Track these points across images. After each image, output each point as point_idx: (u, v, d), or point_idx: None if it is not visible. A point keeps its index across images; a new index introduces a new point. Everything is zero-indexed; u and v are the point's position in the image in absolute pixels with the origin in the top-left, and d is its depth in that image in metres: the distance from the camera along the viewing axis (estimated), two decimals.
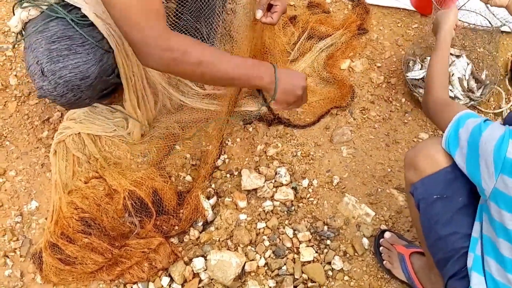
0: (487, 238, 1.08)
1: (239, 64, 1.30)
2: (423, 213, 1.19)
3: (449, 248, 1.13)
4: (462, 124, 1.11)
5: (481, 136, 1.03)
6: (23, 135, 1.84)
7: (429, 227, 1.18)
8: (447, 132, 1.14)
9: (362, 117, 1.90)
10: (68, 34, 1.33)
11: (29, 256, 1.58)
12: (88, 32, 1.36)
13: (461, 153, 1.09)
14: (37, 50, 1.34)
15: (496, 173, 1.00)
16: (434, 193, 1.15)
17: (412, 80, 1.93)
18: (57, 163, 1.70)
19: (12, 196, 1.71)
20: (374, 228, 1.63)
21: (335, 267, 1.54)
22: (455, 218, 1.13)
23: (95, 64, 1.34)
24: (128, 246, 1.52)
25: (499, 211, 1.03)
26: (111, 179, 1.60)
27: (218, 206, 1.66)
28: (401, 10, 2.23)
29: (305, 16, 2.13)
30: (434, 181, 1.15)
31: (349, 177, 1.75)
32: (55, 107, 1.90)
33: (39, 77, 1.35)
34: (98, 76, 1.36)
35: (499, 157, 0.99)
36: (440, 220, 1.14)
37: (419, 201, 1.19)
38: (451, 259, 1.13)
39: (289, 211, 1.65)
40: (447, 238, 1.13)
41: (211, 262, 1.49)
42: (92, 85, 1.36)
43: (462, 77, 1.92)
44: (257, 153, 1.78)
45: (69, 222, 1.52)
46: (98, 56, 1.36)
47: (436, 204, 1.15)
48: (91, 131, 1.70)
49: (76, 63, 1.30)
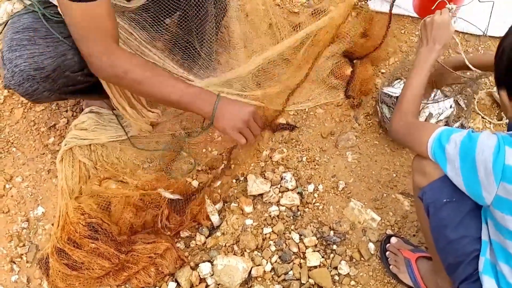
0: (496, 243, 1.09)
1: (181, 91, 1.36)
2: (432, 218, 1.19)
3: (460, 252, 1.13)
4: (446, 140, 1.11)
5: (476, 147, 1.04)
6: (29, 142, 1.85)
7: (438, 231, 1.18)
8: (431, 151, 1.15)
9: (367, 122, 1.91)
10: (34, 26, 1.34)
11: (35, 262, 1.59)
12: (57, 28, 1.36)
13: (453, 168, 1.09)
14: (3, 40, 1.36)
15: (497, 181, 1.00)
16: (443, 197, 1.15)
17: (384, 95, 1.86)
18: (64, 169, 1.70)
19: (19, 202, 1.72)
20: (380, 233, 1.63)
21: (342, 272, 1.54)
22: (465, 222, 1.13)
23: (53, 57, 1.33)
24: (134, 251, 1.52)
25: (503, 217, 1.03)
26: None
27: (224, 211, 1.67)
28: (405, 16, 2.25)
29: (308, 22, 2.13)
30: (443, 185, 1.15)
31: (355, 182, 1.75)
32: (61, 114, 1.91)
33: (2, 66, 1.36)
34: (58, 69, 1.35)
35: (498, 165, 1.00)
36: (449, 224, 1.14)
37: (428, 205, 1.18)
38: (462, 263, 1.12)
39: (295, 216, 1.65)
40: (458, 242, 1.13)
41: (217, 267, 1.49)
42: (49, 77, 1.34)
43: (435, 116, 1.78)
44: (262, 159, 1.79)
45: (76, 227, 1.52)
46: (60, 50, 1.35)
47: (445, 208, 1.15)
48: (100, 141, 1.71)
49: (31, 53, 1.30)
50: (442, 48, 1.40)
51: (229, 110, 1.41)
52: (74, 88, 1.45)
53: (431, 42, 1.40)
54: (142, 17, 1.43)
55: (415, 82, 1.37)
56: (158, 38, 1.54)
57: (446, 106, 1.81)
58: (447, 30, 1.39)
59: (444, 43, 1.40)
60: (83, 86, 1.47)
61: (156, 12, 1.44)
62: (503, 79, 1.06)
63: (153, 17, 1.45)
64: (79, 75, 1.42)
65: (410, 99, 1.36)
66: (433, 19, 1.41)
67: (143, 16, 1.43)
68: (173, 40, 1.60)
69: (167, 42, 1.55)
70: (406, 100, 1.36)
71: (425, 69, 1.38)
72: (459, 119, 1.82)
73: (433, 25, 1.40)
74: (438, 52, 1.39)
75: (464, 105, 1.84)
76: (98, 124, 1.72)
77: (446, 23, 1.39)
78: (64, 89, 1.42)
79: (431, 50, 1.39)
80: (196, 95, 1.38)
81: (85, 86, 1.47)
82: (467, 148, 1.06)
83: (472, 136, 1.06)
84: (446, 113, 1.77)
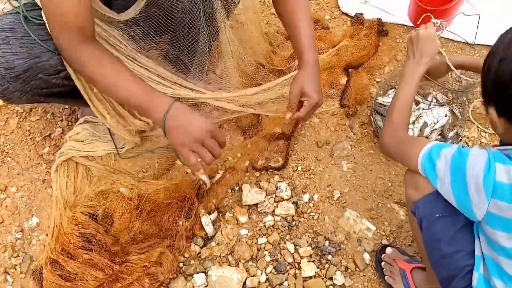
0: (489, 258, 1.08)
1: (133, 93, 1.29)
2: (425, 232, 1.18)
3: (453, 267, 1.12)
4: (437, 155, 1.11)
5: (467, 163, 1.04)
6: (24, 151, 1.85)
7: (432, 246, 1.18)
8: (421, 167, 1.15)
9: (362, 131, 1.91)
10: (13, 27, 1.35)
11: (29, 273, 1.58)
12: (36, 30, 1.36)
13: (444, 184, 1.09)
14: None
15: (488, 197, 1.00)
16: (436, 211, 1.15)
17: (378, 105, 1.87)
18: (58, 179, 1.70)
19: (13, 212, 1.71)
20: (375, 243, 1.62)
21: (337, 282, 1.53)
22: (458, 236, 1.12)
23: (25, 58, 1.33)
24: (128, 262, 1.51)
25: (494, 233, 1.03)
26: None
27: (219, 221, 1.66)
28: (400, 25, 2.25)
29: None
30: (435, 199, 1.14)
31: (350, 191, 1.75)
32: (56, 123, 1.91)
33: None
34: (30, 71, 1.34)
35: (489, 181, 1.00)
36: (443, 239, 1.13)
37: (421, 220, 1.18)
38: (455, 277, 1.12)
39: (290, 226, 1.65)
40: (451, 257, 1.13)
41: (212, 278, 1.49)
42: (19, 78, 1.34)
43: (430, 125, 1.79)
44: (257, 168, 1.78)
45: (70, 238, 1.52)
46: (35, 52, 1.35)
47: (438, 223, 1.14)
48: (97, 153, 1.71)
49: (3, 52, 1.30)
50: (429, 61, 1.41)
51: (180, 124, 1.26)
52: (49, 91, 1.44)
53: (418, 55, 1.41)
54: (131, 29, 1.43)
55: (403, 95, 1.38)
56: (147, 49, 1.53)
57: (441, 115, 1.81)
58: (433, 43, 1.41)
59: (431, 56, 1.41)
60: (61, 90, 1.46)
61: (146, 27, 1.44)
62: (491, 96, 1.03)
63: (142, 31, 1.45)
64: (54, 78, 1.41)
65: (399, 112, 1.36)
66: (418, 33, 1.43)
67: (133, 28, 1.43)
68: (163, 54, 1.59)
69: (157, 55, 1.54)
70: (396, 115, 1.36)
71: (413, 83, 1.39)
72: (454, 127, 1.82)
73: (418, 39, 1.42)
74: (425, 65, 1.41)
75: (459, 114, 1.85)
76: (93, 135, 1.72)
77: (432, 37, 1.41)
78: (37, 91, 1.41)
79: (418, 63, 1.41)
80: (145, 100, 1.28)
81: (64, 90, 1.47)
82: (458, 164, 1.06)
83: (463, 152, 1.06)
84: (441, 122, 1.77)
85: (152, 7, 1.38)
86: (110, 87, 1.31)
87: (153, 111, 1.28)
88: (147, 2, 1.35)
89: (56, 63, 1.38)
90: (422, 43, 1.41)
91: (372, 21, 2.21)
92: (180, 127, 1.26)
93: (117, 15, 1.36)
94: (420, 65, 1.40)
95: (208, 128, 1.26)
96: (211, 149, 1.28)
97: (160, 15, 1.41)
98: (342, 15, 2.32)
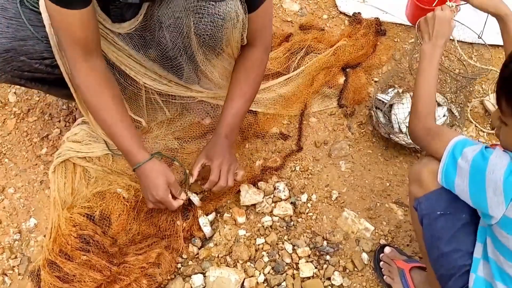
0: (494, 262, 1.08)
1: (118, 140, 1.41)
2: (426, 229, 1.19)
3: (451, 265, 1.13)
4: (459, 154, 1.09)
5: (488, 166, 1.01)
6: (22, 152, 1.85)
7: (431, 243, 1.18)
8: (443, 165, 1.13)
9: (360, 131, 1.91)
10: (5, 6, 1.35)
11: (27, 274, 1.57)
12: (29, 14, 1.36)
13: (462, 183, 1.08)
14: None
15: (507, 201, 0.99)
16: (438, 209, 1.15)
17: (378, 101, 1.87)
18: (56, 180, 1.70)
19: (11, 213, 1.71)
20: (373, 243, 1.62)
21: (335, 282, 1.53)
22: (458, 235, 1.13)
23: (9, 38, 1.33)
24: (126, 263, 1.51)
25: (508, 238, 1.02)
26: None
27: (217, 222, 1.66)
28: (398, 25, 2.25)
29: (300, 36, 2.13)
30: (438, 197, 1.15)
31: (348, 191, 1.75)
32: (54, 124, 1.91)
33: None
34: (12, 51, 1.34)
35: (509, 185, 0.98)
36: (443, 237, 1.14)
37: (423, 217, 1.18)
38: (453, 276, 1.12)
39: (288, 227, 1.65)
40: (450, 255, 1.13)
41: (210, 279, 1.49)
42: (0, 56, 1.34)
43: None
44: (255, 168, 1.78)
45: (68, 239, 1.52)
46: (21, 34, 1.35)
47: (439, 221, 1.15)
48: (94, 154, 1.70)
49: None
50: (445, 43, 1.36)
51: (143, 184, 1.45)
52: (31, 75, 1.44)
53: (434, 37, 1.36)
54: (125, 41, 1.43)
55: (426, 81, 1.32)
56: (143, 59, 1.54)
57: (439, 114, 1.81)
58: (449, 26, 1.37)
59: (446, 39, 1.37)
60: (44, 76, 1.47)
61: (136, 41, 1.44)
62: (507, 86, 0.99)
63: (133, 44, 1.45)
64: (38, 63, 1.41)
65: (424, 99, 1.30)
66: (435, 14, 1.38)
67: (127, 40, 1.43)
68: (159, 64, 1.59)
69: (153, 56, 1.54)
70: (421, 102, 1.30)
71: (433, 66, 1.33)
72: (452, 127, 1.82)
73: (435, 20, 1.37)
74: (441, 48, 1.36)
75: (457, 113, 1.85)
76: (91, 136, 1.71)
77: (448, 19, 1.37)
78: (18, 73, 1.41)
79: (435, 46, 1.35)
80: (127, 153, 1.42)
81: (47, 77, 1.47)
82: (479, 166, 1.03)
83: (485, 154, 1.04)
84: (439, 122, 1.77)
85: (144, 30, 1.39)
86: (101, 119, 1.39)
87: (130, 157, 1.41)
88: (141, 24, 1.36)
89: (42, 50, 1.38)
90: (438, 25, 1.36)
91: (370, 21, 2.21)
92: (143, 184, 1.45)
93: (110, 25, 1.37)
94: (437, 47, 1.35)
95: (161, 197, 1.43)
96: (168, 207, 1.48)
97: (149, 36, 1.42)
98: (340, 15, 2.32)
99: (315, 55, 2.04)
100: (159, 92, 1.65)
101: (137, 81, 1.57)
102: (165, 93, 1.66)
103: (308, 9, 2.32)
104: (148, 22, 1.36)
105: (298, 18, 2.28)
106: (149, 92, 1.67)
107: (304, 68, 1.98)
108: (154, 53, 1.50)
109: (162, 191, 1.42)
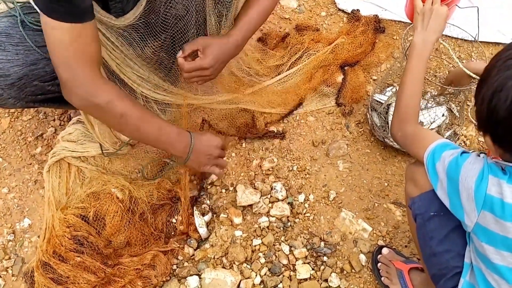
0: (478, 269, 1.08)
1: (158, 128, 1.39)
2: (419, 228, 1.20)
3: (444, 265, 1.14)
4: (438, 158, 1.10)
5: (460, 172, 1.02)
6: (16, 151, 1.83)
7: (424, 242, 1.19)
8: (426, 166, 1.14)
9: (358, 130, 1.89)
10: (8, 32, 1.31)
11: (21, 275, 1.56)
12: (33, 36, 1.33)
13: (441, 187, 1.09)
14: None
15: (478, 209, 1.00)
16: (431, 209, 1.16)
17: (375, 102, 1.84)
18: (51, 179, 1.67)
19: (5, 213, 1.69)
20: (371, 244, 1.60)
21: (332, 284, 1.51)
22: (450, 237, 1.13)
23: (21, 66, 1.30)
24: (121, 265, 1.49)
25: (482, 245, 1.03)
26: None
27: (213, 222, 1.64)
28: (397, 22, 2.23)
29: (296, 39, 2.09)
30: (432, 198, 1.15)
31: (346, 191, 1.73)
32: (48, 123, 1.88)
33: None
34: (25, 78, 1.32)
35: (480, 194, 0.99)
36: (435, 237, 1.15)
37: (416, 216, 1.20)
38: (444, 276, 1.13)
39: (285, 227, 1.63)
40: (442, 255, 1.14)
41: (205, 280, 1.47)
42: (14, 85, 1.31)
43: (426, 125, 1.74)
44: (252, 168, 1.76)
45: (62, 240, 1.50)
46: (31, 59, 1.32)
47: (432, 221, 1.16)
48: (89, 153, 1.68)
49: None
50: (436, 39, 1.34)
51: (202, 151, 1.49)
52: (44, 97, 1.42)
53: (427, 31, 1.33)
54: (130, 35, 1.40)
55: (412, 79, 1.29)
56: (143, 58, 1.51)
57: (438, 114, 1.79)
58: (444, 23, 1.35)
59: (437, 36, 1.34)
60: (55, 96, 1.43)
61: (141, 31, 1.42)
62: (485, 127, 0.99)
63: (141, 37, 1.43)
64: (50, 84, 1.39)
65: (407, 101, 1.28)
66: (433, 7, 1.35)
67: (131, 34, 1.40)
68: (158, 61, 1.57)
69: (153, 62, 1.52)
70: (403, 104, 1.28)
71: (422, 65, 1.30)
72: (451, 127, 1.80)
73: (432, 13, 1.34)
74: (433, 45, 1.33)
75: (457, 112, 1.82)
76: (85, 136, 1.69)
77: (445, 14, 1.34)
78: (32, 98, 1.39)
79: (426, 42, 1.32)
80: (173, 136, 1.42)
81: (59, 95, 1.45)
82: (453, 171, 1.05)
83: (459, 160, 1.04)
84: (437, 122, 1.75)
85: (149, 13, 1.36)
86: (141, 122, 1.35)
87: (179, 146, 1.45)
88: (145, 9, 1.33)
89: (52, 70, 1.35)
90: (434, 18, 1.33)
91: (368, 18, 2.19)
92: (202, 154, 1.50)
93: (115, 20, 1.34)
94: (428, 43, 1.32)
95: (220, 145, 1.54)
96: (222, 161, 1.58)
97: (155, 21, 1.39)
98: (339, 12, 2.29)
99: (313, 53, 2.01)
100: (155, 100, 1.66)
101: (135, 90, 1.57)
102: (161, 101, 1.67)
103: (306, 6, 2.30)
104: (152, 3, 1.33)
105: (296, 15, 2.25)
106: (145, 100, 1.66)
107: (302, 66, 1.96)
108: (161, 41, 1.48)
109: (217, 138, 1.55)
